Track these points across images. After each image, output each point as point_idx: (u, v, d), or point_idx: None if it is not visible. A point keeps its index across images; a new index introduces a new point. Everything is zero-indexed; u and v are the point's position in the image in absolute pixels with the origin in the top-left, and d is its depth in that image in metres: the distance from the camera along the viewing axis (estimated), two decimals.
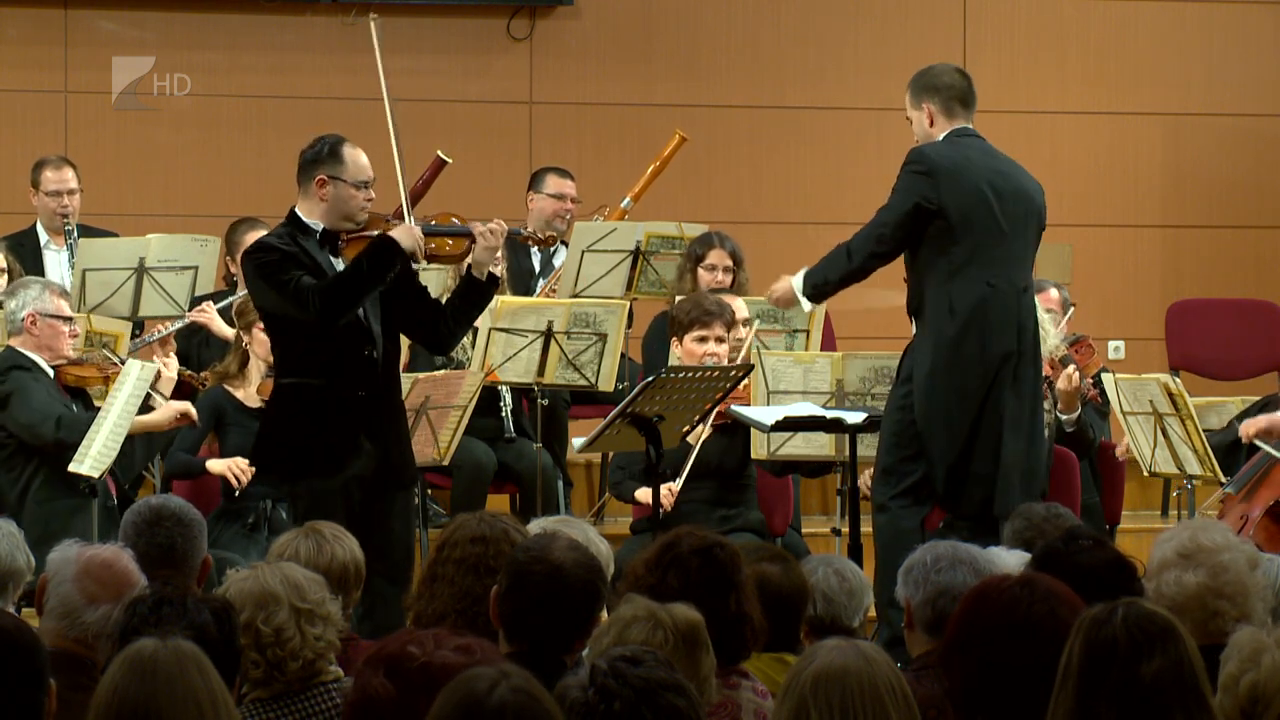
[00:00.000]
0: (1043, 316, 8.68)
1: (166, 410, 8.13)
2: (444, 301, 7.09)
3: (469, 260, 6.99)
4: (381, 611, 6.52)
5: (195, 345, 9.16)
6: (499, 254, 7.05)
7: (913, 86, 7.51)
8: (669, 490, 8.30)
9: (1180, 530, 4.94)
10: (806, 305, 7.66)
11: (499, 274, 7.10)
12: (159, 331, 8.92)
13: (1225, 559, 4.82)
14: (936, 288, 7.33)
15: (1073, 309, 9.45)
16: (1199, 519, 6.80)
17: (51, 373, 8.19)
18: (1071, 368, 8.66)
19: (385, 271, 6.80)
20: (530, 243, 7.59)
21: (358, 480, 6.86)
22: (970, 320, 7.30)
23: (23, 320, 8.16)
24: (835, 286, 7.54)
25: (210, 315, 9.08)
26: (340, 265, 6.91)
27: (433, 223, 7.07)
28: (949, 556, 4.92)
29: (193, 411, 8.16)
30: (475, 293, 7.02)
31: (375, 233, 6.92)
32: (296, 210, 6.98)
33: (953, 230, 7.30)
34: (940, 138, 7.44)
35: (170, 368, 8.43)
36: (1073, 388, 8.66)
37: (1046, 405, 8.46)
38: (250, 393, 8.47)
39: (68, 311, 8.26)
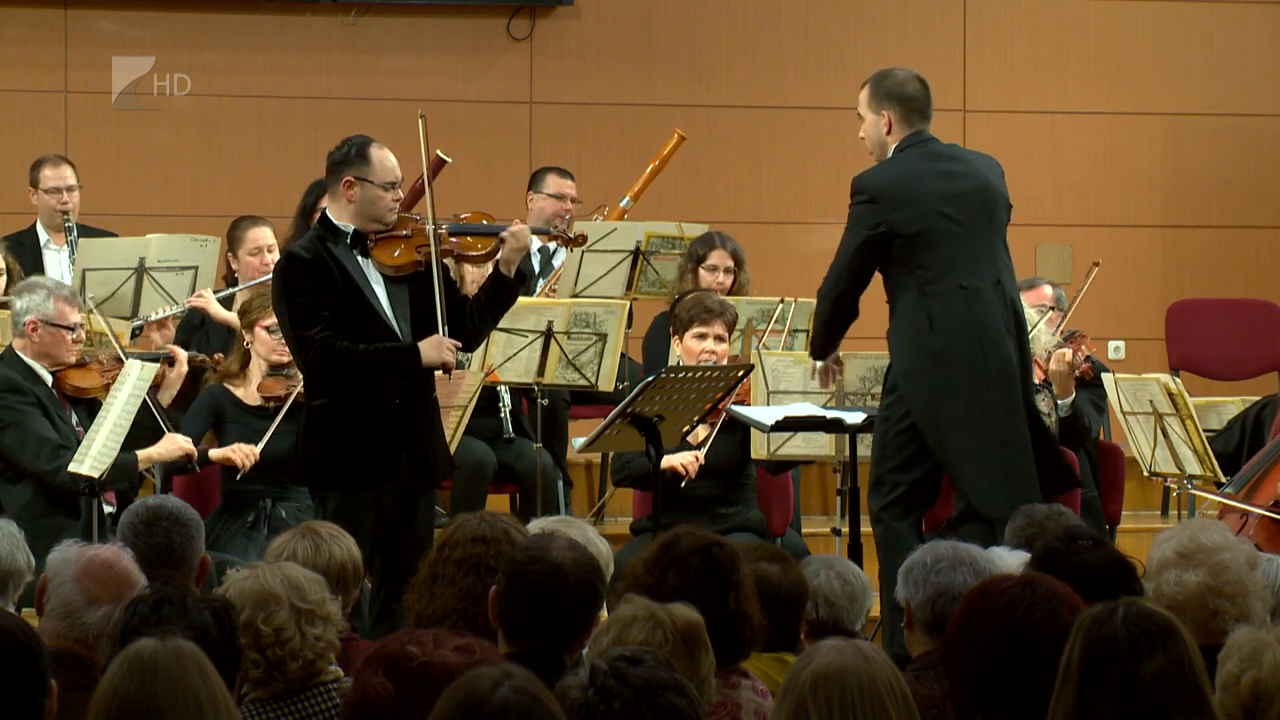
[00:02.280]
0: (1031, 314, 8.68)
1: (172, 446, 8.15)
2: (471, 298, 7.15)
3: (497, 258, 7.05)
4: (399, 614, 6.50)
5: (196, 340, 9.15)
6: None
7: (874, 90, 7.45)
8: (695, 458, 8.37)
9: (1180, 530, 4.94)
10: (818, 365, 7.65)
11: (527, 272, 7.16)
12: (156, 314, 8.90)
13: (1225, 558, 4.82)
14: (912, 304, 7.32)
15: (1067, 307, 9.38)
16: (1199, 519, 6.79)
17: (50, 379, 8.14)
18: (1064, 349, 8.62)
19: (397, 378, 6.89)
20: (560, 241, 7.62)
21: (390, 485, 6.93)
22: (953, 330, 7.28)
23: (25, 325, 8.12)
24: (824, 337, 7.53)
25: (208, 299, 9.07)
26: (369, 267, 6.96)
27: (462, 220, 7.12)
28: (949, 557, 4.91)
29: (194, 452, 8.19)
30: (503, 290, 7.08)
31: (404, 233, 6.98)
32: (327, 212, 7.02)
33: (912, 246, 7.29)
34: (892, 147, 7.42)
35: (180, 359, 8.45)
36: (1065, 365, 8.61)
37: (1044, 403, 8.45)
38: (250, 391, 8.46)
39: (71, 320, 8.14)
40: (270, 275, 9.12)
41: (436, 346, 6.89)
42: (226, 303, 9.14)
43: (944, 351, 7.28)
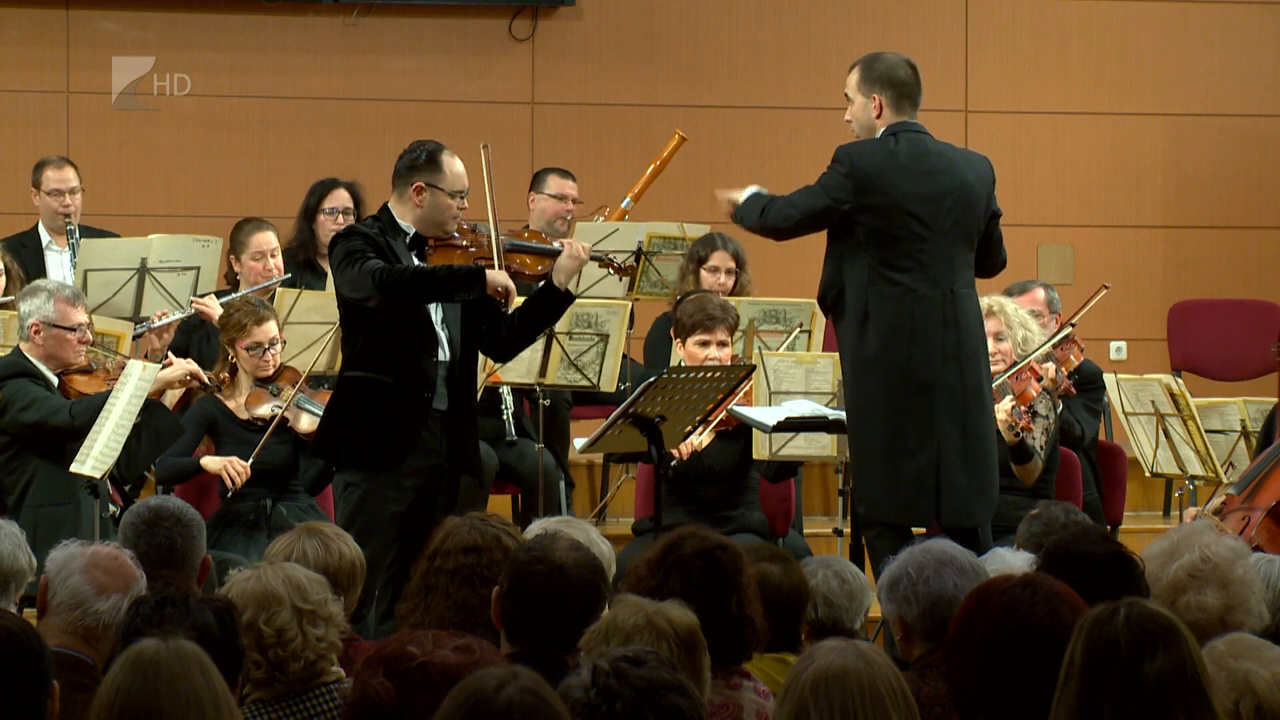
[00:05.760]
0: (1025, 317, 8.64)
1: (178, 368, 8.15)
2: (512, 310, 7.16)
3: (550, 270, 7.06)
4: None
5: (196, 341, 9.15)
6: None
7: (865, 72, 7.28)
8: (692, 444, 8.37)
9: (1180, 543, 4.90)
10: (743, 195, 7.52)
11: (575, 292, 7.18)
12: (158, 320, 8.90)
13: (1239, 573, 4.81)
14: (854, 292, 7.16)
15: (1060, 309, 9.34)
16: (1188, 523, 6.71)
17: (56, 381, 8.14)
18: (1048, 364, 8.58)
19: (457, 292, 6.87)
20: (611, 269, 7.59)
21: (414, 480, 6.91)
22: (885, 330, 7.11)
23: (29, 328, 8.12)
24: (749, 229, 7.48)
25: (213, 306, 9.07)
26: None
27: (524, 240, 7.14)
28: (932, 562, 4.85)
29: (201, 373, 8.18)
30: (553, 302, 7.10)
31: (463, 243, 7.04)
32: (390, 208, 7.04)
33: (873, 237, 7.13)
34: (880, 130, 7.27)
35: (178, 365, 8.41)
36: (1048, 381, 8.55)
37: (1042, 405, 8.43)
38: (239, 403, 8.45)
39: (74, 320, 8.12)
40: (273, 281, 9.17)
41: (503, 276, 6.89)
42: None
43: (873, 349, 7.13)
